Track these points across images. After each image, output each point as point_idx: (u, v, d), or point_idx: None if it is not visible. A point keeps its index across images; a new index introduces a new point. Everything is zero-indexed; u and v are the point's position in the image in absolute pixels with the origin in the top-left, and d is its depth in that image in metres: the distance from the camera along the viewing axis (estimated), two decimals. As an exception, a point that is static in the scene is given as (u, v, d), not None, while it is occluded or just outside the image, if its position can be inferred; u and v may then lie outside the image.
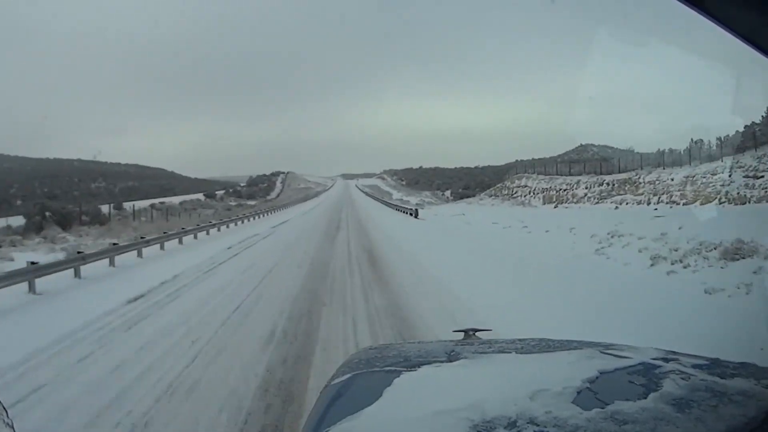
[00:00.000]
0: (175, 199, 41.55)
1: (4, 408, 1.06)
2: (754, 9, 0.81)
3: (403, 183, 75.15)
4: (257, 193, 63.40)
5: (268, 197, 61.30)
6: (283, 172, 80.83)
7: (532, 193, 33.95)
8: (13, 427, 1.04)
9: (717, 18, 0.82)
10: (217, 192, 53.78)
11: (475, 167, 66.99)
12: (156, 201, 38.33)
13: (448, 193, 58.53)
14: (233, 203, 49.50)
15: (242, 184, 65.06)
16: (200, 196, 48.76)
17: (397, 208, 36.62)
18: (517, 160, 63.64)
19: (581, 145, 53.01)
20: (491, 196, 40.78)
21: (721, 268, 8.37)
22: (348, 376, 1.40)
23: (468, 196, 48.51)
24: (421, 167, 79.95)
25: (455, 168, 69.48)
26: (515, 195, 36.54)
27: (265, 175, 76.61)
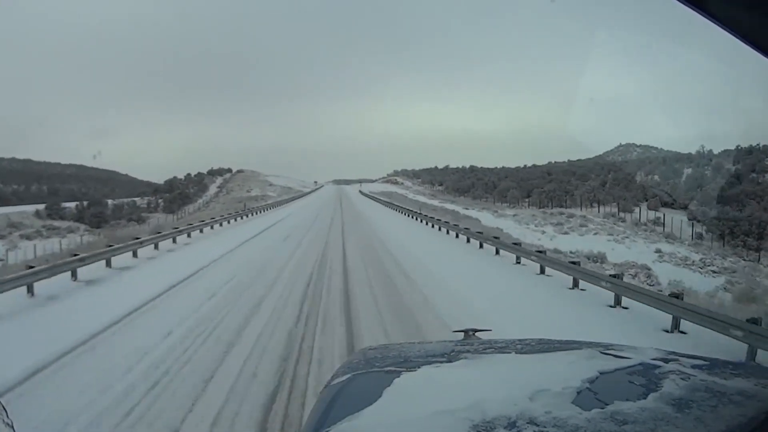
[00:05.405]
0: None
1: (4, 408, 1.06)
2: (754, 9, 0.80)
3: (440, 188, 54.58)
4: (150, 206, 32.68)
5: (152, 220, 30.59)
6: (229, 171, 56.65)
7: None
8: (13, 427, 1.04)
9: (717, 18, 0.81)
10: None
11: (524, 166, 56.18)
12: None
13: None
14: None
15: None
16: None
17: None
18: (551, 162, 59.24)
19: (621, 145, 49.94)
20: None
21: None
22: (348, 376, 1.39)
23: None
24: (447, 167, 63.12)
25: (498, 168, 57.26)
26: None
27: (199, 173, 52.39)
